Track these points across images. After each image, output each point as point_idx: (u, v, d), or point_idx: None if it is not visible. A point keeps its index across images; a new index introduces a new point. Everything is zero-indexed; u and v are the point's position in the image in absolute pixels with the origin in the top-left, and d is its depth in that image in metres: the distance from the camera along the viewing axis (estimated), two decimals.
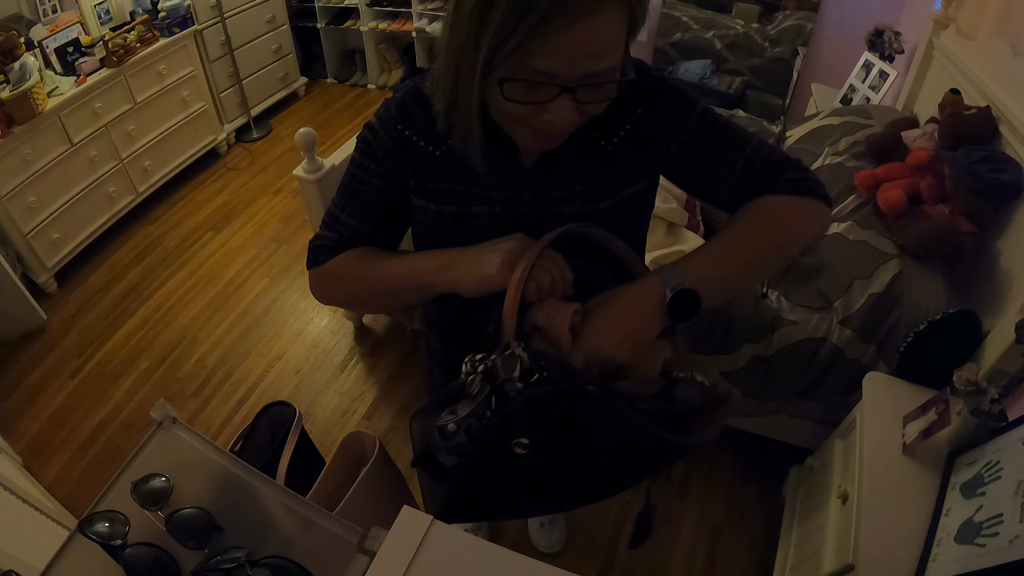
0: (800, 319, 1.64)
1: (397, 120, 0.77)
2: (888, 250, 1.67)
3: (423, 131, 0.77)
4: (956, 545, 1.07)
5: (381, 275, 0.80)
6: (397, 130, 0.77)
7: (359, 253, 0.82)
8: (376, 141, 0.78)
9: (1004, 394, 1.18)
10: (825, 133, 2.26)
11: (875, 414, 1.39)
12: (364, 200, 0.81)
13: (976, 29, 1.98)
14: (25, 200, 2.41)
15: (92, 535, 0.69)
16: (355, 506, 0.99)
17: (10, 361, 2.36)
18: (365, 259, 0.82)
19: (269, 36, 3.62)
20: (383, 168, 0.79)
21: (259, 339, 2.43)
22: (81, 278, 2.72)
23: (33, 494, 1.70)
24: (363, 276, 0.81)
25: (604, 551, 1.78)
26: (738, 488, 1.93)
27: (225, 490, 0.80)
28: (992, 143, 1.74)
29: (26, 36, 2.46)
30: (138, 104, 2.81)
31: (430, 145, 0.77)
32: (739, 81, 3.38)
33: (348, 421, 2.11)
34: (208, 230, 2.98)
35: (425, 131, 0.76)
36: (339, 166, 1.97)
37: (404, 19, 3.88)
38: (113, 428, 2.13)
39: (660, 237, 1.72)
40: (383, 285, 0.81)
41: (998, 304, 1.55)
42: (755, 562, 1.74)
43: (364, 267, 0.81)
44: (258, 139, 3.65)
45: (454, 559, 0.69)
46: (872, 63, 2.66)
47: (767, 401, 1.76)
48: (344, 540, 0.73)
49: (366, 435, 1.19)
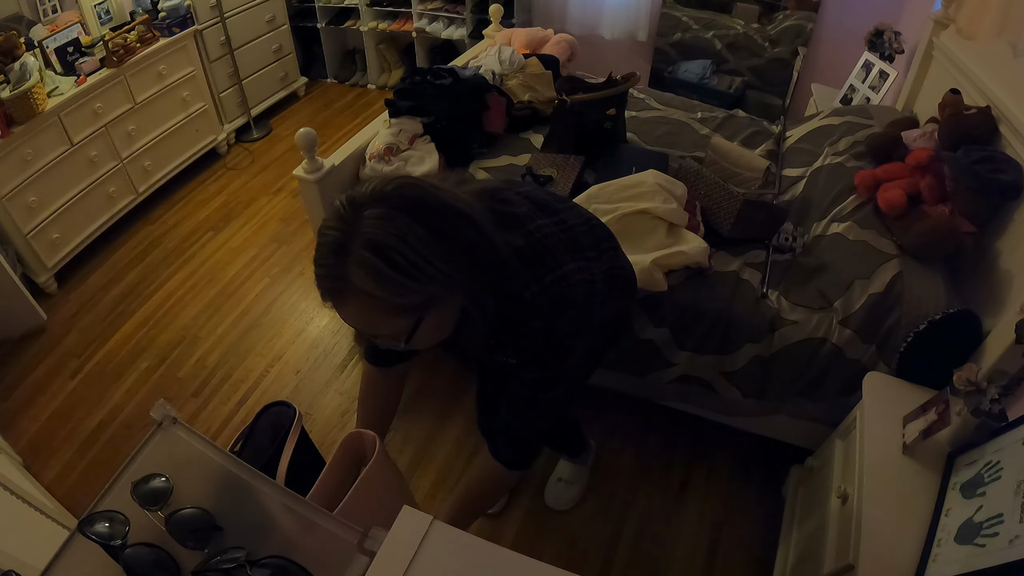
0: (800, 319, 1.64)
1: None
2: (888, 250, 1.67)
3: None
4: (956, 545, 1.07)
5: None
6: None
7: (374, 384, 1.22)
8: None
9: (1004, 394, 1.18)
10: (825, 133, 2.26)
11: (875, 414, 1.39)
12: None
13: (976, 29, 1.98)
14: (25, 200, 2.41)
15: (92, 535, 0.70)
16: (355, 506, 0.99)
17: (10, 361, 2.36)
18: (367, 400, 1.23)
19: (269, 36, 3.62)
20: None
21: (259, 339, 2.43)
22: (81, 278, 2.72)
23: (33, 494, 1.70)
24: (361, 410, 1.24)
25: (604, 551, 1.78)
26: (738, 488, 1.93)
27: (225, 490, 0.80)
28: (992, 143, 1.74)
29: (26, 36, 2.46)
30: (138, 104, 2.81)
31: None
32: (739, 81, 3.39)
33: (348, 421, 2.11)
34: (208, 230, 2.98)
35: None
36: (339, 166, 1.97)
37: (404, 19, 3.88)
38: (113, 428, 2.13)
39: (661, 238, 1.72)
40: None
41: (998, 304, 1.55)
42: (755, 562, 1.74)
43: (365, 407, 1.23)
44: (258, 139, 3.65)
45: (454, 559, 0.69)
46: (872, 63, 2.66)
47: (767, 401, 1.76)
48: (344, 540, 0.73)
49: (366, 435, 1.19)
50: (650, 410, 2.04)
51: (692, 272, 1.72)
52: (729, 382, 1.75)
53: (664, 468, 1.97)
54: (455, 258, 0.78)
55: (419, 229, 0.75)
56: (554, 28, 3.02)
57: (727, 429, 1.95)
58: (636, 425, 2.08)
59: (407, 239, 0.74)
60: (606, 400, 2.08)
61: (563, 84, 2.29)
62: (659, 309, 1.71)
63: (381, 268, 0.74)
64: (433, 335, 0.86)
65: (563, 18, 3.59)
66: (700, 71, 3.42)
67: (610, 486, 1.92)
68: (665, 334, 1.73)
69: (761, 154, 2.28)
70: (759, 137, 2.43)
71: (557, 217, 1.01)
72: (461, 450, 2.02)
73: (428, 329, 0.83)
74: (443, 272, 0.77)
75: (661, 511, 1.87)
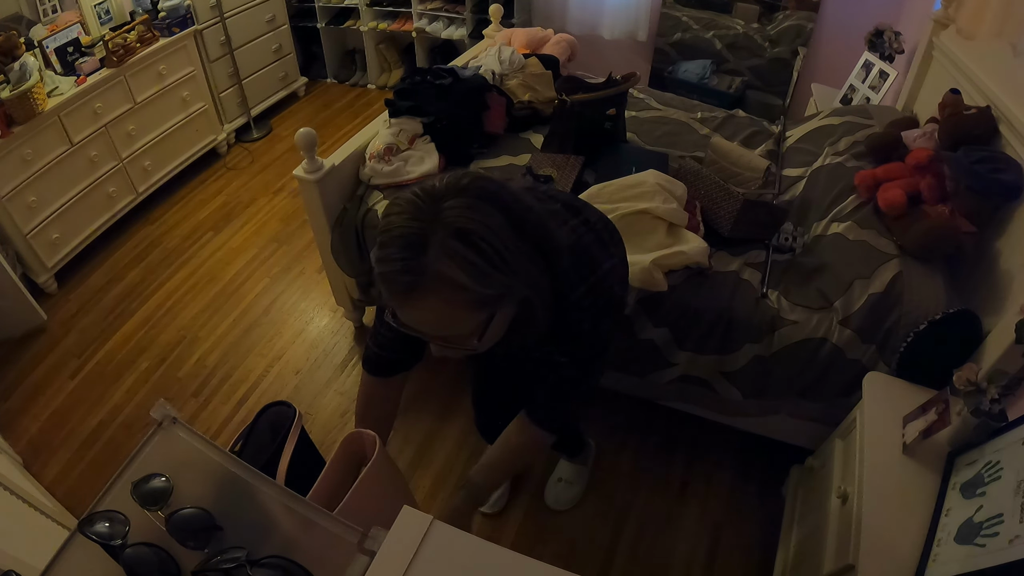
0: (800, 319, 1.64)
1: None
2: (888, 250, 1.67)
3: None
4: (956, 545, 1.07)
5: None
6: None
7: (370, 395, 1.18)
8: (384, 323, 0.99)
9: (1004, 394, 1.18)
10: (825, 133, 2.26)
11: (875, 414, 1.39)
12: (386, 332, 1.08)
13: (976, 29, 1.98)
14: (25, 200, 2.41)
15: (92, 535, 0.69)
16: (355, 506, 0.99)
17: (10, 361, 2.36)
18: (364, 413, 1.18)
19: (269, 36, 3.62)
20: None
21: (259, 339, 2.43)
22: (81, 278, 2.72)
23: (33, 494, 1.70)
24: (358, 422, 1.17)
25: (604, 551, 1.78)
26: (738, 488, 1.93)
27: (225, 490, 0.80)
28: (992, 143, 1.74)
29: (26, 36, 2.46)
30: (138, 104, 2.81)
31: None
32: (739, 81, 3.39)
33: (348, 421, 2.11)
34: (208, 230, 2.98)
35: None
36: (339, 166, 1.97)
37: (404, 19, 3.88)
38: (113, 428, 2.13)
39: (661, 238, 1.72)
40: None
41: (998, 304, 1.54)
42: (755, 562, 1.74)
43: (362, 419, 1.18)
44: (258, 139, 3.65)
45: (454, 559, 0.69)
46: (872, 63, 2.66)
47: (767, 401, 1.76)
48: (344, 540, 0.73)
49: (366, 435, 1.19)
50: (650, 410, 2.04)
51: (692, 272, 1.72)
52: (729, 382, 1.74)
53: (664, 468, 1.97)
54: (528, 250, 0.78)
55: (500, 219, 0.74)
56: (554, 28, 3.02)
57: (727, 429, 1.95)
58: (636, 425, 2.08)
59: (492, 228, 0.73)
60: (606, 400, 2.08)
61: (563, 84, 2.29)
62: (659, 309, 1.71)
63: (470, 256, 0.72)
64: (498, 332, 0.85)
65: (563, 18, 3.59)
66: (700, 71, 3.42)
67: (610, 486, 1.92)
68: (665, 334, 1.73)
69: (761, 154, 2.28)
70: (759, 137, 2.43)
71: (583, 216, 1.03)
72: (461, 450, 2.02)
73: (497, 326, 0.82)
74: (522, 264, 0.77)
75: (661, 511, 1.87)
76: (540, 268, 0.81)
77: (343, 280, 2.19)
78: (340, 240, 2.01)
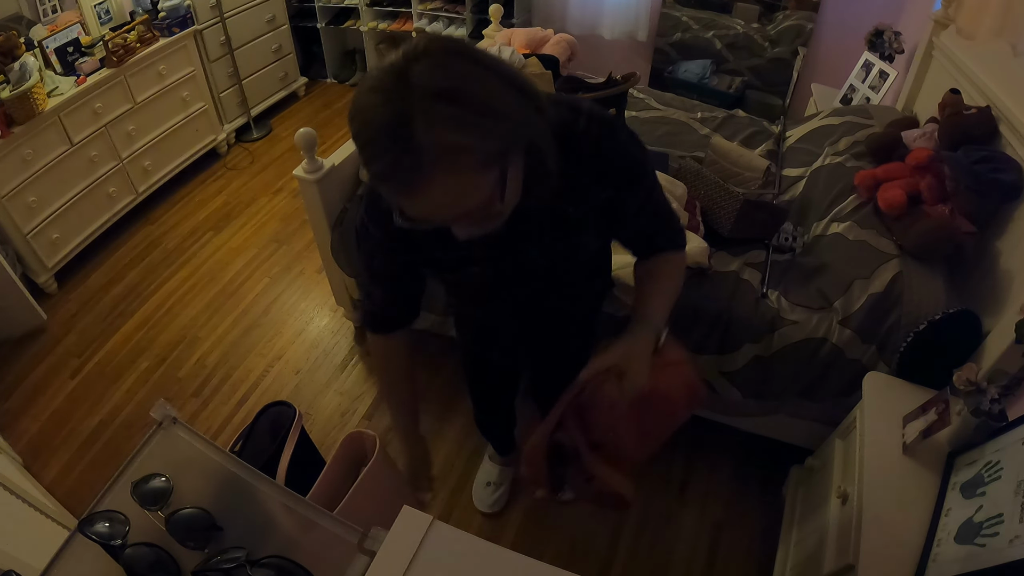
0: (800, 319, 1.64)
1: (379, 219, 0.90)
2: (888, 250, 1.67)
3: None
4: (956, 545, 1.07)
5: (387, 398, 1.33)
6: (383, 225, 0.89)
7: (381, 352, 1.18)
8: (368, 236, 0.95)
9: (1004, 394, 1.18)
10: (825, 133, 2.26)
11: (875, 414, 1.39)
12: (382, 273, 1.03)
13: (976, 29, 1.98)
14: (25, 200, 2.41)
15: (92, 535, 0.70)
16: (355, 506, 0.99)
17: (10, 361, 2.36)
18: (384, 371, 1.21)
19: (269, 36, 3.62)
20: (383, 251, 0.97)
21: (259, 339, 2.43)
22: (81, 278, 2.72)
23: (33, 494, 1.70)
24: (380, 380, 1.23)
25: (604, 551, 1.78)
26: (738, 488, 1.93)
27: (225, 490, 0.80)
28: (992, 143, 1.74)
29: (26, 36, 2.46)
30: (138, 104, 2.81)
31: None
32: (739, 81, 3.39)
33: (348, 421, 2.11)
34: (208, 230, 2.98)
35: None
36: (339, 166, 1.97)
37: (404, 19, 3.88)
38: (113, 428, 2.13)
39: None
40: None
41: (998, 304, 1.55)
42: (755, 562, 1.74)
43: (382, 377, 1.21)
44: (258, 139, 3.65)
45: (454, 559, 0.69)
46: (872, 63, 2.66)
47: (767, 401, 1.76)
48: (344, 540, 0.73)
49: (366, 435, 1.19)
50: None
51: (692, 272, 1.72)
52: (729, 382, 1.74)
53: (664, 468, 1.97)
54: (514, 93, 0.71)
55: (475, 67, 0.68)
56: (554, 28, 3.02)
57: (727, 429, 1.95)
58: None
59: (470, 78, 0.67)
60: None
61: (563, 84, 2.29)
62: None
63: (460, 114, 0.65)
64: (517, 188, 0.78)
65: (563, 18, 3.59)
66: (700, 71, 3.42)
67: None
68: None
69: (761, 154, 2.28)
70: (759, 137, 2.43)
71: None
72: (461, 450, 2.02)
73: (514, 181, 0.75)
74: (513, 107, 0.70)
75: (661, 511, 1.87)
76: (531, 108, 0.74)
77: (343, 280, 2.19)
78: (340, 240, 2.01)
